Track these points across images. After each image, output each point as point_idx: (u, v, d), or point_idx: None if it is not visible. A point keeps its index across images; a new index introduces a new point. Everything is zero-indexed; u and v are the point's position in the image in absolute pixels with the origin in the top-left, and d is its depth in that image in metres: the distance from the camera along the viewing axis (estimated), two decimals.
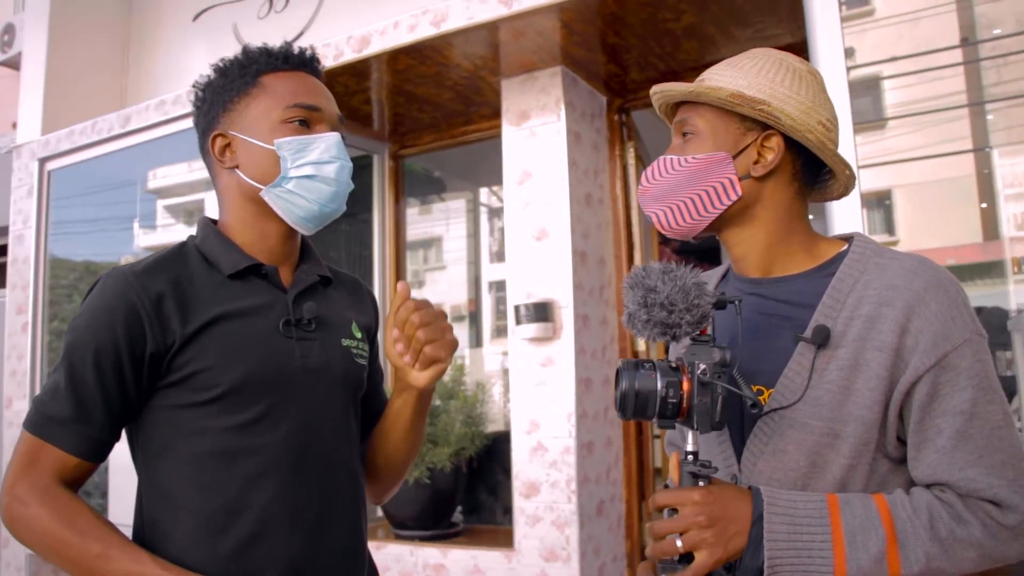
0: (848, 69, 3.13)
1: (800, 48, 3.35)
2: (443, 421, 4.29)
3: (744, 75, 1.34)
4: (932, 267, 1.27)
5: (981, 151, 3.97)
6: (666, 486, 1.31)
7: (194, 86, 1.59)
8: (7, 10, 7.24)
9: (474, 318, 6.32)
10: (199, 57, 5.00)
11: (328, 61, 4.05)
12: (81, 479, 1.41)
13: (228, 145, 1.52)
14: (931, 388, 1.20)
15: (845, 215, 2.93)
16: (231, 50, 4.37)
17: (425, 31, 3.74)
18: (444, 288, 6.53)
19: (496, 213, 6.49)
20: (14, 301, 5.64)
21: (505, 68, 4.10)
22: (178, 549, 1.38)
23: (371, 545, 4.09)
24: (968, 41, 3.32)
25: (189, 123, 4.52)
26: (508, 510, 4.51)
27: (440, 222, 6.57)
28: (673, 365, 1.20)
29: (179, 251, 1.51)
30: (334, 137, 1.51)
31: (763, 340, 1.31)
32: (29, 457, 1.36)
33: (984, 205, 4.36)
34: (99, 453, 1.40)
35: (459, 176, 6.41)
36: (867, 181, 3.02)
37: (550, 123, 4.03)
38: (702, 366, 1.18)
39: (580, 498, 3.83)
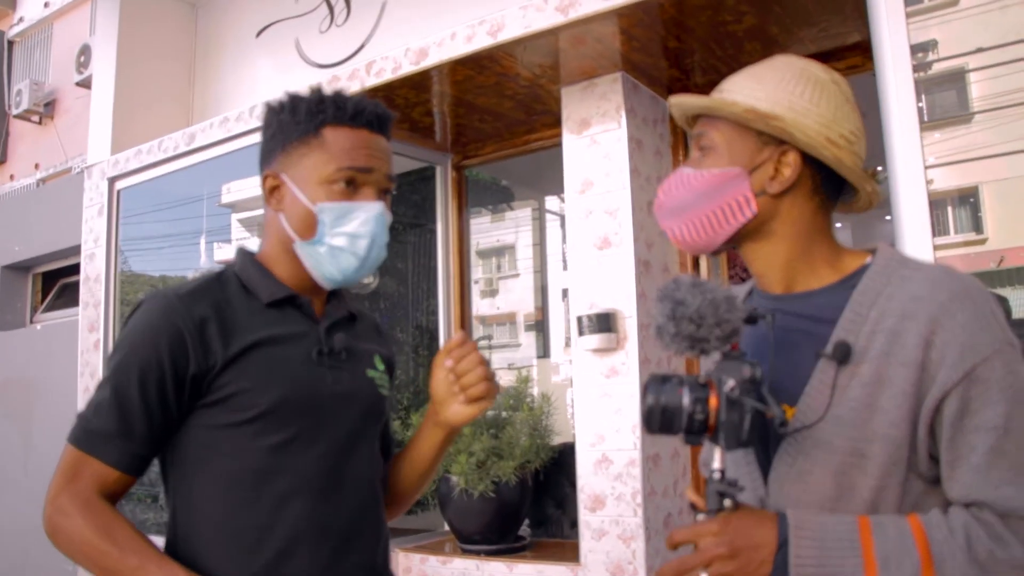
0: (931, 63, 3.03)
1: (868, 45, 3.26)
2: (508, 434, 4.25)
3: (763, 87, 1.30)
4: (957, 277, 1.22)
5: None
6: (693, 509, 1.27)
7: (266, 104, 1.61)
8: (85, 31, 7.45)
9: (540, 327, 6.28)
10: (263, 72, 5.06)
11: (387, 74, 4.06)
12: (121, 493, 1.46)
13: (277, 188, 1.58)
14: (961, 403, 1.15)
15: (912, 217, 2.82)
16: (294, 65, 4.39)
17: (482, 41, 3.72)
18: (516, 297, 6.51)
19: (563, 220, 6.47)
20: (87, 319, 5.76)
21: (565, 76, 4.05)
22: (211, 566, 1.43)
23: (437, 559, 4.09)
24: None
25: (252, 139, 4.57)
26: (575, 523, 4.45)
27: (509, 230, 6.55)
28: (701, 381, 1.17)
29: (218, 278, 1.58)
30: (375, 209, 1.54)
31: (785, 357, 1.26)
32: (72, 470, 1.43)
33: None
34: (139, 468, 1.46)
35: (524, 184, 6.39)
36: (951, 178, 2.91)
37: (611, 130, 3.97)
38: (731, 382, 1.14)
39: (646, 511, 3.75)
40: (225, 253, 5.91)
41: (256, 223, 5.67)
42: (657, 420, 1.16)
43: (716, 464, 1.19)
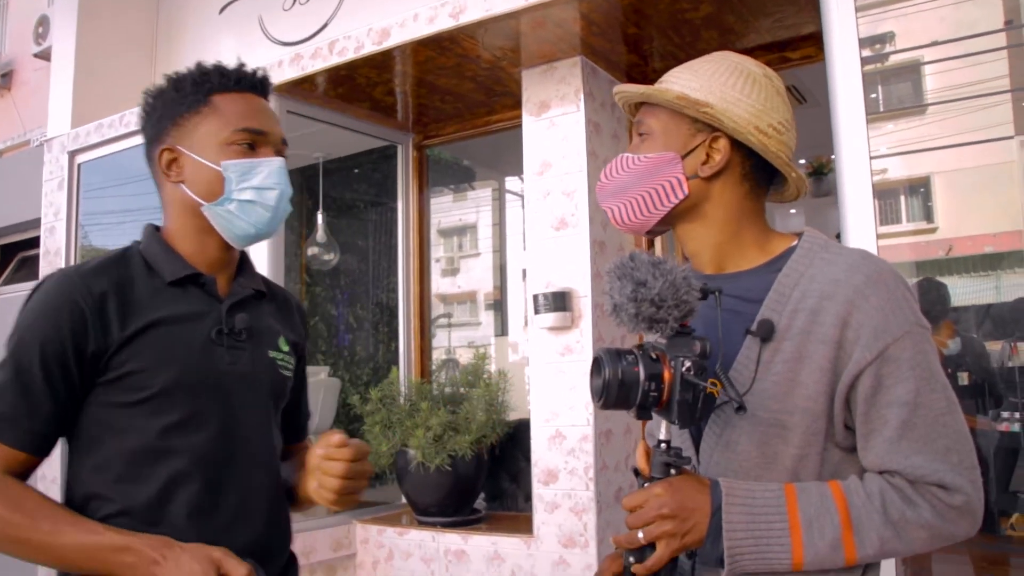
0: (887, 54, 3.11)
1: (822, 37, 3.34)
2: (465, 409, 4.33)
3: (698, 78, 1.39)
4: (874, 261, 1.31)
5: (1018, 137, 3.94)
6: (636, 474, 1.34)
7: (144, 93, 1.65)
8: (43, 1, 7.36)
9: (499, 306, 6.35)
10: (226, 49, 5.06)
11: (349, 53, 4.09)
12: (28, 472, 1.46)
13: (175, 160, 1.61)
14: (875, 380, 1.24)
15: (857, 206, 2.93)
16: (257, 43, 4.41)
17: (444, 23, 3.76)
18: (477, 276, 6.56)
19: (523, 201, 6.54)
20: None
21: (525, 59, 4.12)
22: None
23: (394, 531, 4.17)
24: (1012, 24, 3.28)
25: None
26: (529, 497, 4.55)
27: (470, 210, 6.60)
28: (653, 356, 1.23)
29: (123, 255, 1.59)
30: (277, 162, 1.59)
31: (716, 335, 1.33)
32: None
33: None
34: (45, 447, 1.46)
35: (484, 165, 6.45)
36: (905, 167, 3.01)
37: (570, 113, 4.05)
38: (687, 363, 1.21)
39: (598, 485, 3.86)
40: None
41: None
42: (614, 394, 1.21)
43: (662, 435, 1.27)
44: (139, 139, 4.75)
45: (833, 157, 7.67)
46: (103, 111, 5.63)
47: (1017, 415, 4.23)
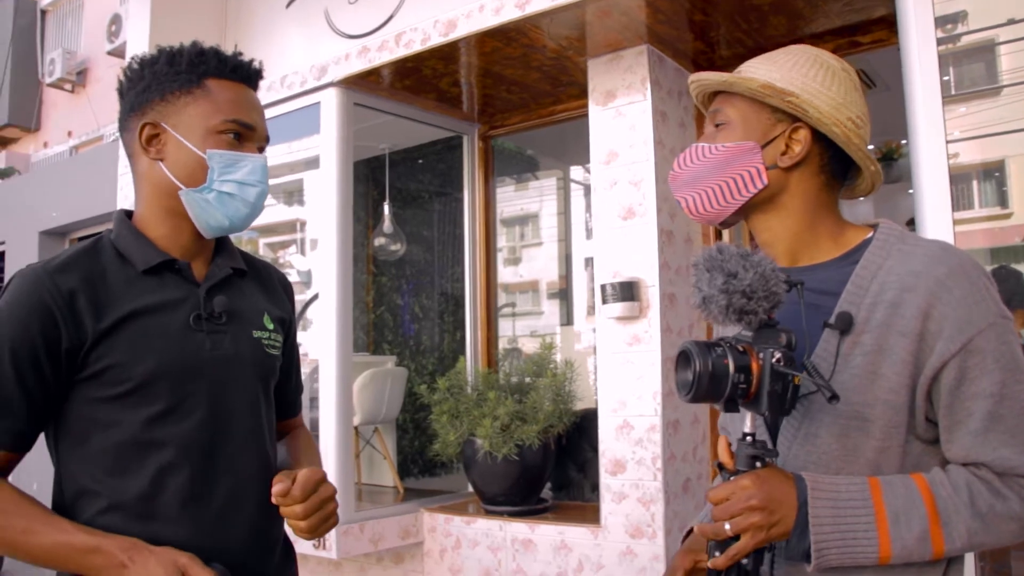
0: (959, 35, 3.04)
1: (894, 19, 3.28)
2: (532, 399, 4.34)
3: (778, 69, 1.38)
4: (955, 253, 1.30)
5: None
6: (720, 469, 1.33)
7: (132, 58, 1.61)
8: (115, 0, 7.53)
9: (564, 295, 6.35)
10: (292, 42, 5.12)
11: (416, 45, 4.12)
12: (8, 468, 1.46)
13: (157, 136, 1.55)
14: (959, 372, 1.23)
15: (933, 191, 2.88)
16: (323, 35, 4.44)
17: (510, 13, 3.77)
18: (540, 265, 6.57)
19: (587, 190, 6.52)
20: None
21: (591, 48, 4.11)
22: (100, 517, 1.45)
23: (462, 520, 4.21)
24: None
25: (283, 108, 4.60)
26: (596, 487, 4.55)
27: (534, 199, 6.61)
28: (741, 348, 1.23)
29: (94, 247, 1.55)
30: (261, 160, 1.58)
31: (793, 327, 1.32)
32: None
33: None
34: (23, 444, 1.45)
35: (549, 154, 6.44)
36: (977, 152, 2.94)
37: (636, 102, 4.03)
38: (777, 354, 1.21)
39: (666, 476, 3.85)
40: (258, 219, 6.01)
41: (282, 191, 5.78)
42: (704, 387, 1.21)
43: (747, 428, 1.27)
44: None
45: (904, 142, 7.52)
46: None
47: None
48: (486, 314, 5.25)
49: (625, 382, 3.97)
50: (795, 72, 1.37)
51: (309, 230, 5.79)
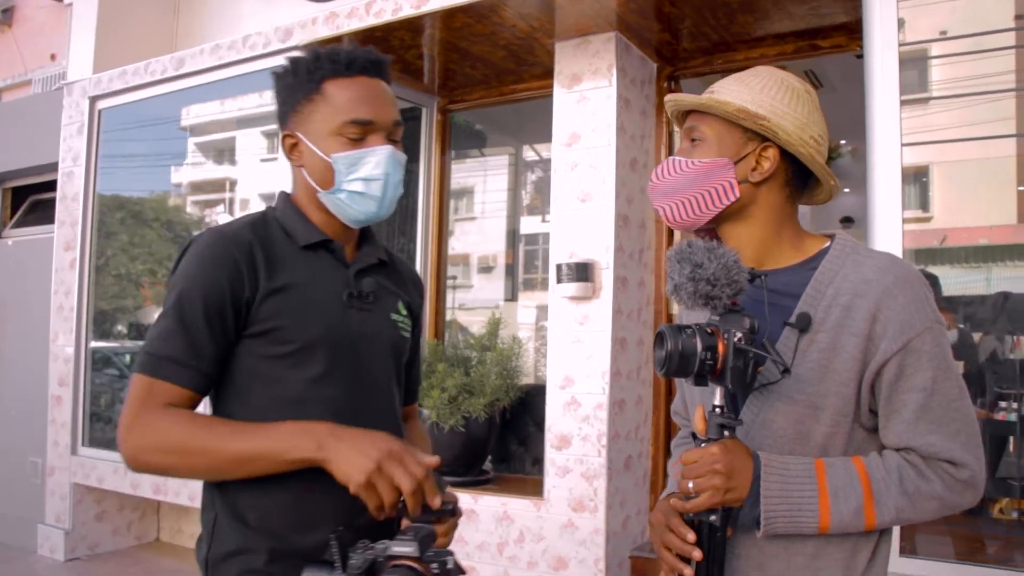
0: (903, 45, 3.19)
1: (854, 27, 3.41)
2: (479, 372, 4.42)
3: (749, 91, 1.52)
4: (901, 264, 1.48)
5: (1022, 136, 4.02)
6: (694, 436, 1.49)
7: (273, 72, 1.72)
8: None
9: (511, 270, 6.42)
10: (253, 2, 5.09)
11: (387, 15, 4.14)
12: (192, 408, 1.57)
13: (295, 145, 1.69)
14: (898, 368, 1.41)
15: (886, 190, 3.05)
16: None
17: None
18: (482, 238, 6.62)
19: (531, 168, 6.60)
20: (63, 237, 5.80)
21: (560, 31, 4.18)
22: (249, 486, 1.54)
23: None
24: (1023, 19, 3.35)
25: (243, 68, 4.58)
26: (536, 461, 4.66)
27: (484, 174, 6.65)
28: (709, 330, 1.38)
29: (262, 218, 1.71)
30: (384, 152, 1.65)
31: (762, 321, 1.47)
32: (144, 396, 1.52)
33: (1022, 188, 4.42)
34: (207, 386, 1.59)
35: (505, 132, 6.49)
36: (906, 157, 3.11)
37: (601, 88, 4.11)
38: (738, 334, 1.36)
39: (610, 453, 3.97)
40: (180, 177, 5.99)
41: (214, 147, 5.80)
42: (675, 364, 1.36)
43: (717, 401, 1.42)
44: (164, 87, 4.80)
45: (843, 142, 7.73)
46: (125, 56, 5.64)
47: (1015, 405, 4.37)
48: (435, 286, 5.30)
49: (575, 360, 4.08)
50: (764, 95, 1.51)
51: (239, 190, 5.77)
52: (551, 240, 4.24)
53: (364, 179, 1.64)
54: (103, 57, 5.80)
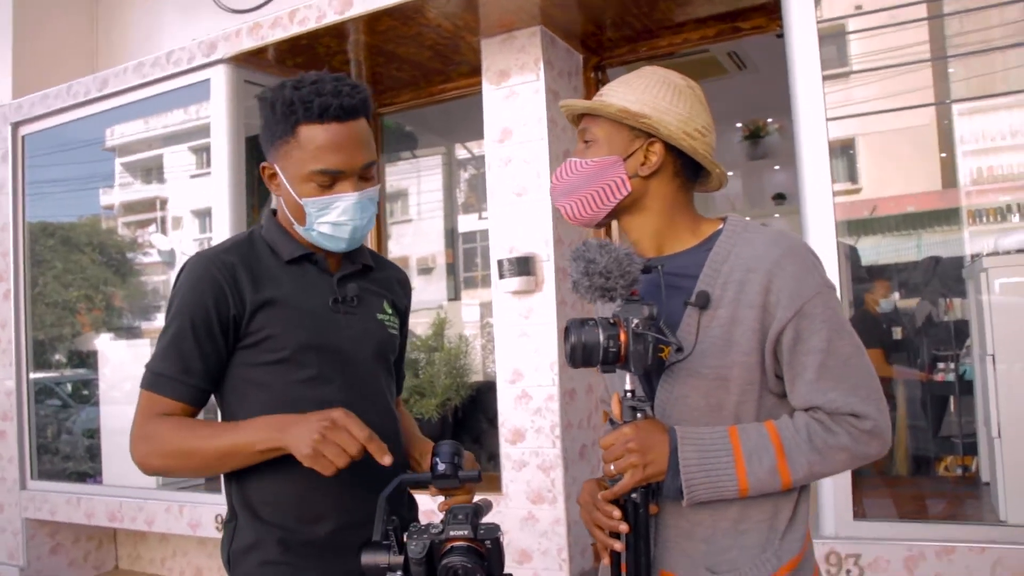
0: (820, 21, 3.27)
1: (773, 8, 3.48)
2: (428, 373, 4.43)
3: (633, 92, 1.62)
4: (787, 237, 1.59)
5: (942, 104, 4.14)
6: (611, 422, 1.58)
7: (258, 97, 1.78)
8: None
9: (452, 269, 6.43)
10: (172, 17, 5.02)
11: (311, 23, 4.12)
12: None
13: (274, 176, 1.78)
14: (795, 333, 1.51)
15: (814, 165, 3.14)
16: (204, 10, 4.34)
17: None
18: (421, 240, 6.62)
19: (464, 166, 6.62)
20: None
21: (485, 28, 4.20)
22: (254, 478, 1.72)
23: None
24: None
25: (169, 85, 4.51)
26: (492, 456, 4.67)
27: (418, 176, 6.65)
28: (611, 320, 1.47)
29: (248, 237, 1.84)
30: (351, 200, 1.73)
31: (660, 307, 1.56)
32: (147, 409, 1.69)
33: (944, 155, 4.54)
34: (201, 399, 1.73)
35: (436, 132, 6.50)
36: (832, 131, 3.19)
37: (529, 82, 4.14)
38: (635, 321, 1.45)
39: (564, 443, 4.01)
40: (109, 199, 5.90)
41: (140, 166, 5.76)
42: (580, 355, 1.45)
43: (628, 386, 1.52)
44: (88, 109, 4.71)
45: (770, 120, 7.87)
46: (46, 78, 5.54)
47: (951, 366, 4.50)
48: None
49: (522, 354, 4.11)
50: (647, 94, 1.61)
51: (171, 207, 5.71)
52: (490, 237, 4.26)
53: (333, 223, 1.74)
54: (22, 80, 5.69)
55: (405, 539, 1.46)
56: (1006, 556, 2.90)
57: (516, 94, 4.17)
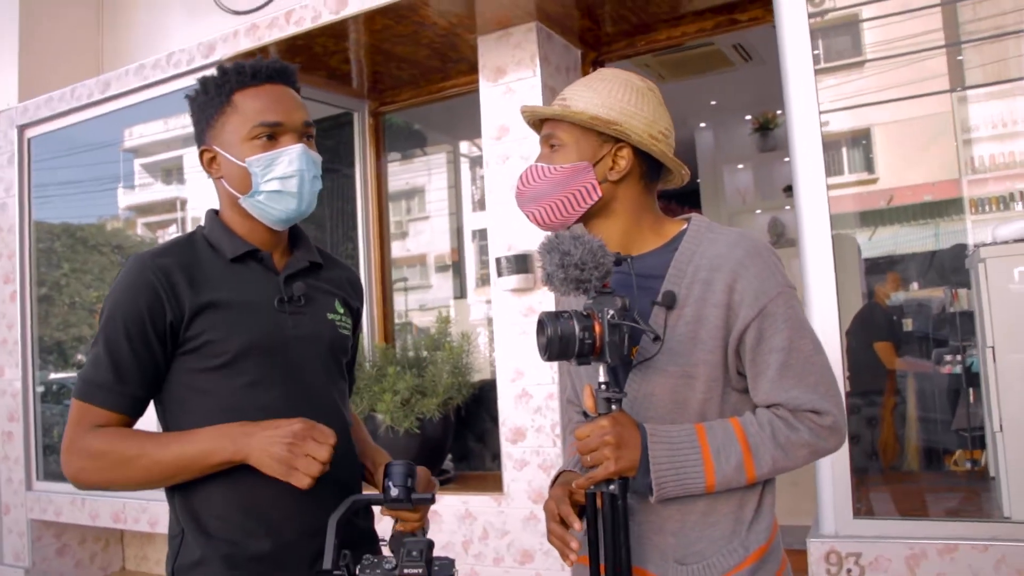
0: (827, 10, 3.23)
1: (768, 1, 3.43)
2: (431, 372, 4.41)
3: (599, 96, 1.62)
4: (750, 238, 1.62)
5: (955, 91, 4.07)
6: (585, 414, 1.60)
7: (186, 96, 1.79)
8: None
9: (457, 268, 6.41)
10: (177, 18, 5.03)
11: (307, 23, 4.11)
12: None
13: (214, 158, 1.76)
14: (758, 332, 1.55)
15: (807, 157, 3.12)
16: (208, 11, 4.38)
17: None
18: (427, 238, 6.61)
19: (475, 163, 6.58)
20: (0, 270, 5.71)
21: (480, 25, 4.17)
22: (201, 490, 1.65)
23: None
24: None
25: (170, 86, 4.53)
26: (495, 456, 4.66)
27: (423, 174, 6.64)
28: (585, 313, 1.47)
29: (188, 238, 1.79)
30: (296, 150, 1.72)
31: (632, 294, 1.56)
32: (78, 419, 1.63)
33: (965, 137, 4.46)
34: (136, 409, 1.68)
35: (439, 130, 6.48)
36: (845, 121, 3.15)
37: (526, 78, 4.12)
38: (610, 312, 1.46)
39: (565, 442, 3.96)
40: (130, 199, 5.92)
41: (160, 168, 5.72)
42: (556, 348, 1.45)
43: (602, 378, 1.52)
44: (92, 111, 4.73)
45: (780, 112, 7.80)
46: (52, 81, 5.56)
47: (959, 358, 4.43)
48: (381, 290, 5.28)
49: (522, 352, 4.09)
50: (613, 99, 1.61)
51: (190, 209, 5.72)
52: (489, 234, 4.25)
53: (280, 177, 1.70)
54: (28, 83, 5.73)
55: (357, 572, 1.47)
56: (1010, 553, 2.86)
57: (513, 91, 4.15)
